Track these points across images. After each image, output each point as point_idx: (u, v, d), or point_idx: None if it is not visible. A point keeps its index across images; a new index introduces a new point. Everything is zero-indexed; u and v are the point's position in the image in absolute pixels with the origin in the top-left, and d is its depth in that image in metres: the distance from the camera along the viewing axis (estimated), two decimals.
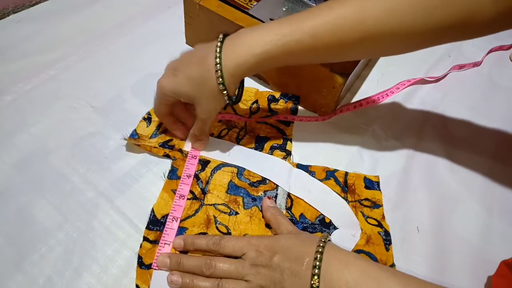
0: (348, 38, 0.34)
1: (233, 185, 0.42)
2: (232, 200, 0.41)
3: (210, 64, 0.36)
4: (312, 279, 0.30)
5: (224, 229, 0.39)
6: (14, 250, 0.36)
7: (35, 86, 0.49)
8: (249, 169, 0.43)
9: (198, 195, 0.41)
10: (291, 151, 0.46)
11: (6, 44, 0.53)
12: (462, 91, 0.56)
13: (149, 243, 0.37)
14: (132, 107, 0.48)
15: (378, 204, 0.42)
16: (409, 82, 0.55)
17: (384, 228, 0.40)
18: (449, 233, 0.41)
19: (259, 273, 0.33)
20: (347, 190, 0.43)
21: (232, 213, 0.40)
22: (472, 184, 0.46)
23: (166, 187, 0.41)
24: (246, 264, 0.33)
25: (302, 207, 0.41)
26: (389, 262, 0.38)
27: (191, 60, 0.38)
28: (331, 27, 0.34)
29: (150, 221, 0.38)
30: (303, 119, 0.49)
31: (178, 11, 0.54)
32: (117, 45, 0.55)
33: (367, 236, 0.39)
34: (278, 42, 0.35)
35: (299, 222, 0.40)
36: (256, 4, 0.49)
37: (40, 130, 0.44)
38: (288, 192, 0.42)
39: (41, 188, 0.40)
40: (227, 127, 0.47)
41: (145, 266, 0.36)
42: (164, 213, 0.39)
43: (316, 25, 0.34)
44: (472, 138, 0.51)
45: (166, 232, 0.37)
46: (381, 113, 0.52)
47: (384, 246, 0.39)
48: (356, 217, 0.41)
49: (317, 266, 0.31)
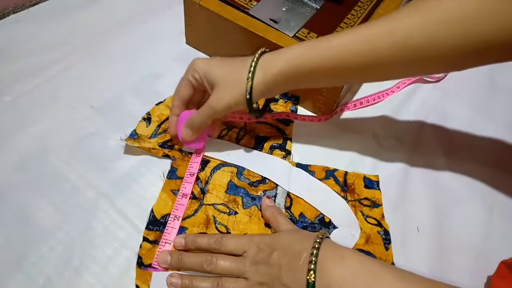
0: (379, 50, 0.34)
1: (232, 185, 0.42)
2: (231, 200, 0.41)
3: (247, 63, 0.37)
4: (308, 274, 0.30)
5: (224, 229, 0.39)
6: (14, 250, 0.36)
7: (35, 86, 0.48)
8: (248, 169, 0.43)
9: (197, 195, 0.41)
10: (290, 151, 0.46)
11: (6, 44, 0.53)
12: (462, 91, 0.56)
13: (148, 243, 0.37)
14: (132, 107, 0.48)
15: (377, 204, 0.42)
16: (409, 81, 0.55)
17: (384, 228, 0.40)
18: (449, 233, 0.41)
19: (258, 270, 0.33)
20: (347, 190, 0.43)
21: (232, 212, 0.40)
22: (472, 184, 0.46)
23: (165, 187, 0.41)
24: (246, 262, 0.34)
25: (302, 206, 0.41)
26: (389, 261, 0.38)
27: (230, 58, 0.40)
28: (361, 38, 0.34)
29: (150, 221, 0.38)
30: (304, 119, 0.49)
31: (178, 11, 0.54)
32: (117, 45, 0.55)
33: (366, 236, 0.40)
34: (313, 55, 0.35)
35: (299, 221, 0.40)
36: (256, 4, 0.49)
37: (40, 130, 0.44)
38: (287, 192, 0.42)
39: (41, 188, 0.40)
40: (227, 128, 0.47)
41: (145, 266, 0.36)
42: (164, 213, 0.39)
43: (345, 40, 0.35)
44: (472, 138, 0.50)
45: (167, 231, 0.38)
46: (381, 113, 0.52)
47: (383, 246, 0.39)
48: (356, 216, 0.41)
49: (313, 261, 0.31)
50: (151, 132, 0.45)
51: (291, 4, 0.51)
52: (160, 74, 0.52)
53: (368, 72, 0.36)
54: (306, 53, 0.36)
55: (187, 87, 0.41)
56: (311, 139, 0.48)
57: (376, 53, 0.34)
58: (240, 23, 0.47)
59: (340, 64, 0.35)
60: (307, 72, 0.36)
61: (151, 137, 0.45)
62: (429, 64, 0.34)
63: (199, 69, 0.39)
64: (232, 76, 0.38)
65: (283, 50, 0.37)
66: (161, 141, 0.44)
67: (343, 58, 0.35)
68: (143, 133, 0.45)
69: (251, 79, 0.36)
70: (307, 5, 0.51)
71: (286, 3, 0.51)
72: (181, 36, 0.56)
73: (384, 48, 0.33)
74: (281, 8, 0.50)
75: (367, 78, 0.40)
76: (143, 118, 0.46)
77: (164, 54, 0.55)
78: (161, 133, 0.45)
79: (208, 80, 0.39)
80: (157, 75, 0.52)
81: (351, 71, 0.36)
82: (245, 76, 0.37)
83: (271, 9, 0.49)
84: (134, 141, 0.43)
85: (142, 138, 0.44)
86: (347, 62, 0.35)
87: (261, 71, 0.36)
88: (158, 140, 0.44)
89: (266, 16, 0.48)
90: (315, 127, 0.49)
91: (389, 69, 0.35)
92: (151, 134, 0.45)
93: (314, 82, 0.39)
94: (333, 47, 0.35)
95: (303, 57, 0.36)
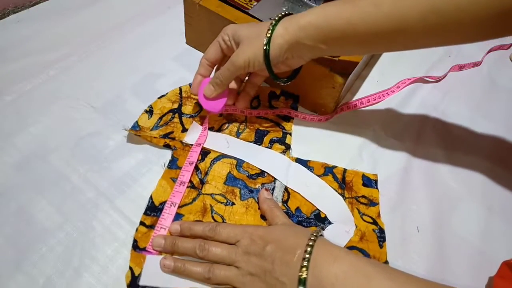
0: (407, 12, 0.33)
1: (231, 177, 0.42)
2: (229, 191, 0.41)
3: (267, 25, 0.38)
4: (301, 271, 0.31)
5: (219, 218, 0.39)
6: (14, 250, 0.36)
7: (35, 86, 0.48)
8: (248, 162, 0.44)
9: (196, 184, 0.41)
10: (290, 145, 0.46)
11: (6, 44, 0.53)
12: (462, 91, 0.56)
13: (145, 227, 0.38)
14: (132, 107, 0.47)
15: (374, 202, 0.42)
16: (409, 81, 0.55)
17: (379, 226, 0.40)
18: (449, 233, 0.41)
19: (250, 261, 0.33)
20: (345, 187, 0.43)
21: (229, 203, 0.40)
22: (472, 183, 0.46)
23: (165, 175, 0.41)
24: (238, 251, 0.34)
25: (299, 201, 0.42)
26: (382, 259, 0.38)
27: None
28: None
29: (148, 207, 0.39)
30: (304, 117, 0.49)
31: (178, 11, 0.54)
32: (117, 45, 0.55)
33: (361, 233, 0.40)
34: (332, 15, 0.36)
35: (295, 216, 0.40)
36: (256, 4, 0.49)
37: (40, 130, 0.44)
38: (285, 186, 0.42)
39: (41, 188, 0.40)
40: (228, 121, 0.47)
41: (140, 249, 0.36)
42: (162, 200, 0.40)
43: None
44: (472, 138, 0.51)
45: (163, 216, 0.38)
46: (381, 112, 0.52)
47: (377, 243, 0.39)
48: (352, 213, 0.41)
49: (307, 258, 0.31)
50: (152, 124, 0.46)
51: (291, 4, 0.51)
52: (160, 74, 0.52)
53: (397, 37, 0.35)
54: (334, 10, 0.36)
55: (215, 48, 0.42)
56: (311, 139, 0.48)
57: (405, 15, 0.33)
58: (240, 23, 0.47)
59: (367, 25, 0.35)
60: (335, 29, 0.36)
61: (152, 129, 0.45)
62: (458, 31, 0.34)
63: (229, 30, 0.40)
64: (255, 33, 0.38)
65: (309, 10, 0.37)
66: (162, 133, 0.45)
67: (371, 17, 0.34)
68: (144, 125, 0.45)
69: (271, 30, 0.37)
70: (307, 5, 0.51)
71: (286, 3, 0.51)
72: (181, 36, 0.56)
73: (412, 12, 0.33)
74: (281, 8, 0.50)
75: (396, 44, 0.38)
76: (145, 111, 0.47)
77: (164, 54, 0.55)
78: (162, 126, 0.46)
79: (235, 39, 0.40)
80: (157, 75, 0.52)
81: (380, 35, 0.35)
82: (266, 29, 0.37)
83: (271, 9, 0.49)
84: (136, 132, 0.44)
85: (143, 130, 0.45)
86: (376, 24, 0.34)
87: (283, 25, 0.37)
88: (159, 132, 0.45)
89: (266, 16, 0.48)
90: (315, 127, 0.49)
91: (418, 35, 0.35)
92: (152, 126, 0.45)
93: (340, 44, 0.38)
94: (360, 5, 0.35)
95: (331, 12, 0.36)
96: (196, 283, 0.35)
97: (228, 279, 0.34)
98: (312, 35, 0.36)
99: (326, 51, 0.38)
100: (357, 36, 0.36)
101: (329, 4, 0.36)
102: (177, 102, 0.48)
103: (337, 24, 0.35)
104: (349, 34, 0.36)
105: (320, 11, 0.36)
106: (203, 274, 0.34)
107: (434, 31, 0.34)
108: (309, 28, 0.36)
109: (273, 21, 0.38)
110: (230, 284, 0.34)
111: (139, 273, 0.35)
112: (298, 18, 0.37)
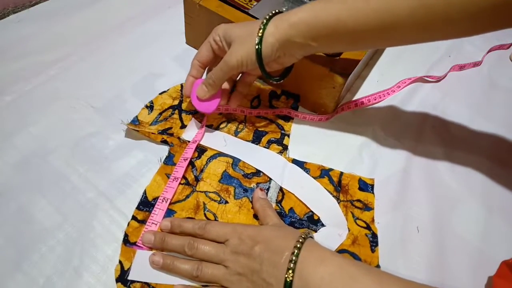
0: (396, 7, 0.33)
1: (226, 175, 0.42)
2: (223, 189, 0.41)
3: (258, 24, 0.38)
4: (287, 273, 0.31)
5: (212, 216, 0.39)
6: (14, 250, 0.36)
7: (35, 86, 0.48)
8: (244, 161, 0.44)
9: (191, 181, 0.41)
10: (287, 146, 0.46)
11: (6, 44, 0.53)
12: (462, 91, 0.56)
13: (136, 222, 0.38)
14: (132, 107, 0.47)
15: (369, 207, 0.42)
16: (409, 80, 0.55)
17: (372, 231, 0.40)
18: (449, 233, 0.41)
19: (238, 260, 0.33)
20: (340, 190, 0.43)
21: (222, 201, 0.40)
22: (472, 184, 0.46)
23: (160, 171, 0.42)
24: (227, 250, 0.34)
25: (293, 201, 0.42)
26: (374, 263, 0.38)
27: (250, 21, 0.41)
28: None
29: (141, 202, 0.39)
30: (304, 117, 0.49)
31: (178, 11, 0.54)
32: (117, 45, 0.55)
33: (353, 237, 0.39)
34: (321, 12, 0.35)
35: (288, 216, 0.40)
36: (256, 4, 0.49)
37: (40, 130, 0.44)
38: (280, 186, 0.42)
39: (41, 188, 0.40)
40: (227, 120, 0.47)
41: (130, 244, 0.36)
42: (156, 196, 0.40)
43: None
44: (472, 138, 0.51)
45: (154, 212, 0.38)
46: (381, 113, 0.52)
47: (369, 248, 0.39)
48: (346, 217, 0.41)
49: (293, 261, 0.31)
50: (152, 119, 0.46)
51: (291, 4, 0.51)
52: (160, 74, 0.52)
53: (387, 33, 0.35)
54: (323, 7, 0.36)
55: (206, 49, 0.42)
56: (311, 138, 0.48)
57: (393, 10, 0.33)
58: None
59: (357, 21, 0.35)
60: (325, 26, 0.36)
61: (151, 124, 0.45)
62: (448, 25, 0.33)
63: (220, 31, 0.40)
64: (247, 32, 0.38)
65: (298, 7, 0.37)
66: (160, 129, 0.45)
67: (359, 13, 0.34)
68: (144, 119, 0.46)
69: (262, 29, 0.37)
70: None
71: (286, 3, 0.51)
72: (181, 36, 0.56)
73: (401, 6, 0.33)
74: (281, 8, 0.50)
75: (385, 40, 0.38)
76: (146, 106, 0.47)
77: (164, 54, 0.55)
78: (161, 121, 0.46)
79: (226, 40, 0.40)
80: (157, 75, 0.52)
81: (369, 31, 0.35)
82: (257, 28, 0.37)
83: (271, 9, 0.49)
84: (134, 126, 0.44)
85: (143, 125, 0.45)
86: (364, 19, 0.34)
87: (274, 23, 0.37)
88: (158, 127, 0.45)
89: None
90: (314, 126, 0.49)
91: (407, 30, 0.34)
92: (152, 121, 0.46)
93: (330, 41, 0.37)
94: (348, 1, 0.35)
95: (320, 9, 0.36)
96: (184, 280, 0.35)
97: (216, 278, 0.34)
98: (302, 32, 0.36)
99: (317, 48, 0.38)
100: (347, 32, 0.36)
101: (319, 1, 0.36)
102: (178, 98, 0.48)
103: (326, 21, 0.35)
104: (338, 30, 0.36)
105: (310, 8, 0.36)
106: (191, 272, 0.34)
107: (423, 25, 0.33)
108: (299, 25, 0.36)
109: (264, 19, 0.38)
110: (217, 283, 0.34)
111: (128, 267, 0.35)
112: (288, 16, 0.37)
